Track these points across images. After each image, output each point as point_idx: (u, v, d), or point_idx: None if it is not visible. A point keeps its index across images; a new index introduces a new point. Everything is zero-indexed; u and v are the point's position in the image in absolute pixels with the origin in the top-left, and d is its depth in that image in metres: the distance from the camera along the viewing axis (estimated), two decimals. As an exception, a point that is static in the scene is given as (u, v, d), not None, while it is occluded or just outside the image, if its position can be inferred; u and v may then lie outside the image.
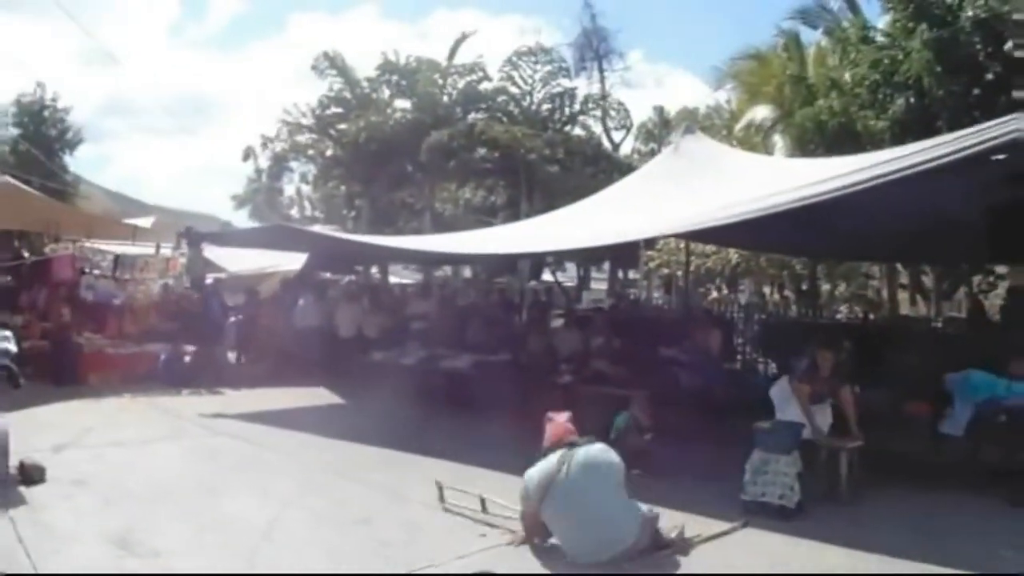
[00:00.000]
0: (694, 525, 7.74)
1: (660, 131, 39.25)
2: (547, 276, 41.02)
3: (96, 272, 20.65)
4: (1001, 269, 25.24)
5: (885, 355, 13.50)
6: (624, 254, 30.64)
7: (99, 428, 12.64)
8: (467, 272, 37.82)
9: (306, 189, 53.51)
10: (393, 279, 31.80)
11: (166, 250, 21.94)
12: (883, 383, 11.76)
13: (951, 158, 8.86)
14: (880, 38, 22.51)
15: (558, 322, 18.61)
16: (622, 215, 13.63)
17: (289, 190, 57.12)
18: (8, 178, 21.18)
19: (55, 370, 16.42)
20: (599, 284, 42.64)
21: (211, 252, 22.60)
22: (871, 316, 27.17)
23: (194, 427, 13.38)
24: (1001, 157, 11.04)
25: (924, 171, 9.06)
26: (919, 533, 8.10)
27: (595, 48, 44.01)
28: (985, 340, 14.31)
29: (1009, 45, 19.14)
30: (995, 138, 8.53)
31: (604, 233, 13.25)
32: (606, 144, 40.30)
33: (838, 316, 28.65)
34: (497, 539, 7.67)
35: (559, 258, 37.32)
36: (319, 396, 16.85)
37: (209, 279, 21.12)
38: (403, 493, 9.46)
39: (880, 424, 10.81)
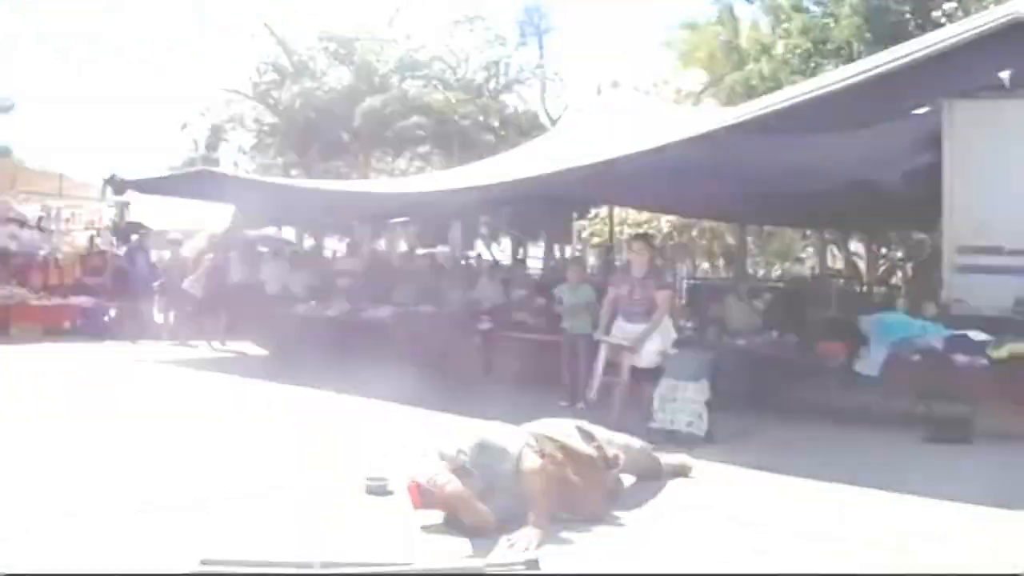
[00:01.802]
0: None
1: (597, 105, 39.25)
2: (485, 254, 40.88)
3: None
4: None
5: (805, 308, 13.63)
6: (557, 226, 30.62)
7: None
8: (403, 246, 37.61)
9: (243, 160, 52.86)
10: (327, 253, 31.48)
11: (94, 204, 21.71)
12: (798, 330, 11.90)
13: (922, 53, 8.81)
14: (813, 7, 22.75)
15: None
16: (545, 162, 13.57)
17: (226, 161, 56.38)
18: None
19: (-25, 321, 16.17)
20: (536, 263, 42.50)
21: (139, 213, 22.44)
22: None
23: (109, 367, 13.41)
24: (924, 111, 11.20)
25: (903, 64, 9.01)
26: (829, 460, 8.01)
27: (535, 23, 43.92)
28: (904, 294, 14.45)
29: (938, 13, 19.43)
30: (993, 20, 8.50)
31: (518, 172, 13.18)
32: (543, 119, 40.23)
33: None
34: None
35: (493, 230, 37.21)
36: (242, 347, 16.92)
37: (134, 237, 20.81)
38: (312, 422, 9.49)
39: (793, 367, 10.92)
